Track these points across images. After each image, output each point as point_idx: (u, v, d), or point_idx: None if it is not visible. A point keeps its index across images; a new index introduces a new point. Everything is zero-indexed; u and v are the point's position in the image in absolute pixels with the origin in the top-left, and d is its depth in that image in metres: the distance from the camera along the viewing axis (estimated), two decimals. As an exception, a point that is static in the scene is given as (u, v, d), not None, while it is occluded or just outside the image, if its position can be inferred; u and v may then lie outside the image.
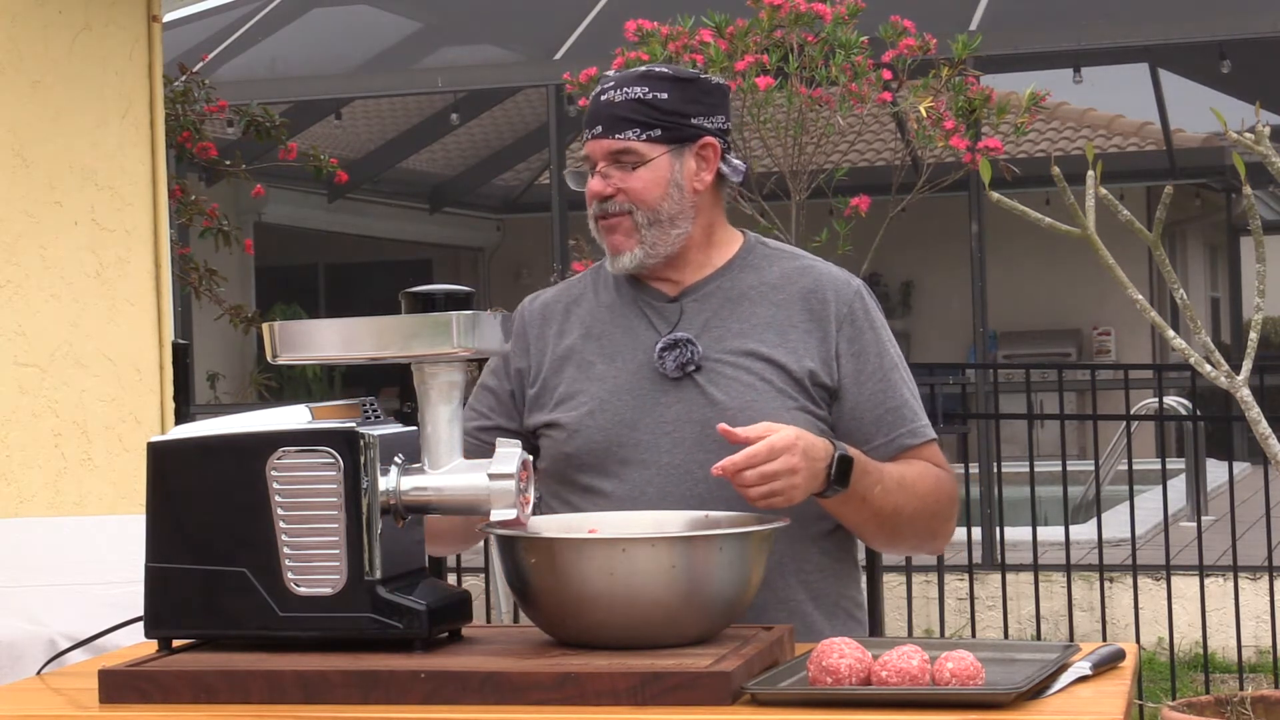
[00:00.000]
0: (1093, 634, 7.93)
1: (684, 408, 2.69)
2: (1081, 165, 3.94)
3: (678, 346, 2.71)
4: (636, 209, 2.71)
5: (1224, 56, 12.10)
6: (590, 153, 2.74)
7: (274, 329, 2.29)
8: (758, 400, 2.66)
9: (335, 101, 14.19)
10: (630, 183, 2.70)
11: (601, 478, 2.72)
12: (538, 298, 2.88)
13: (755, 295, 2.74)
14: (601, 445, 2.71)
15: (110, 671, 2.13)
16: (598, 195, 2.72)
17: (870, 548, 2.79)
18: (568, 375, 2.76)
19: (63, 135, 5.00)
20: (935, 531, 2.76)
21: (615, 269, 2.76)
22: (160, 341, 5.27)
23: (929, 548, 2.82)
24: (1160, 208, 3.99)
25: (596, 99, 2.74)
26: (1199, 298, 19.98)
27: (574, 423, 2.73)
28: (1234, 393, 4.17)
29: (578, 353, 2.77)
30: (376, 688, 2.07)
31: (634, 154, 2.70)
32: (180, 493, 2.26)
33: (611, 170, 2.71)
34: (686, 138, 2.72)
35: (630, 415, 2.71)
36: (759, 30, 7.14)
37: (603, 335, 2.77)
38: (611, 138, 2.70)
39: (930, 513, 2.72)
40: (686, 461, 2.67)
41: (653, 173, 2.70)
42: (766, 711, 2.00)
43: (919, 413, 2.75)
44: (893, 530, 2.70)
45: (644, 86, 2.71)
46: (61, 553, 3.62)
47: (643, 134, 2.70)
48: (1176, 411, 10.65)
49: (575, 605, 2.18)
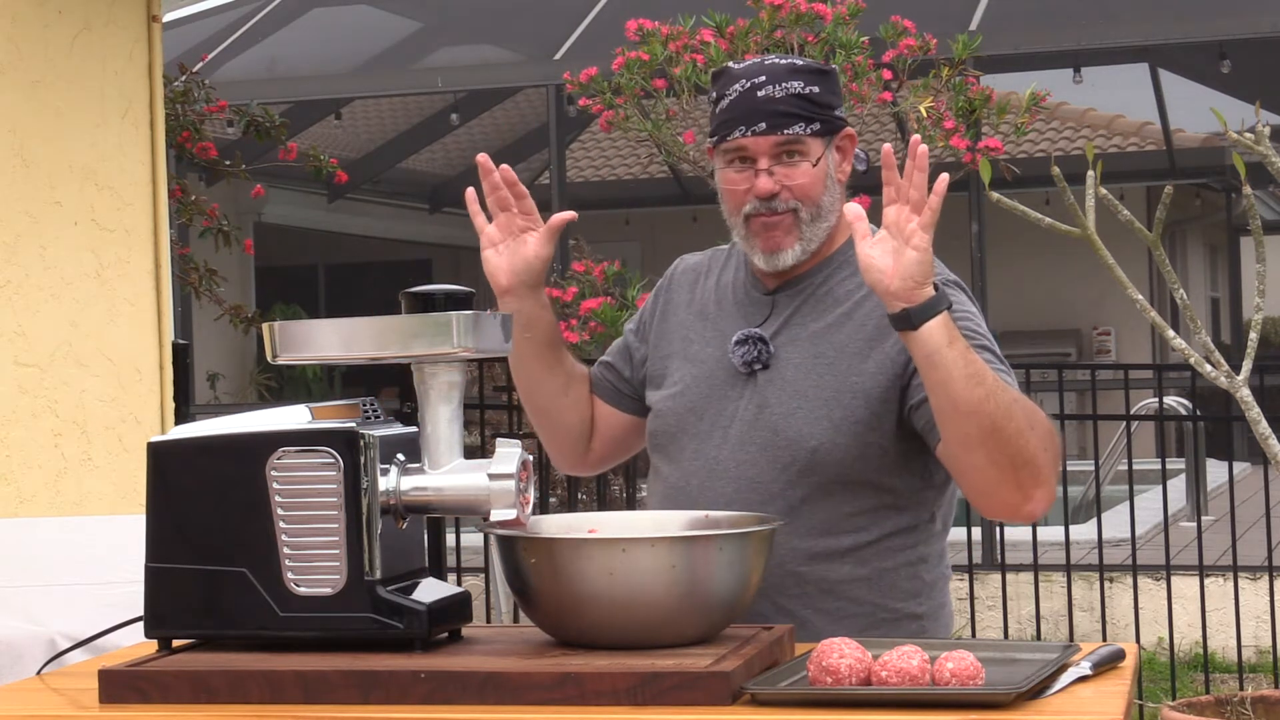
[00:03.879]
0: (1093, 634, 7.93)
1: (741, 405, 2.68)
2: (1081, 165, 3.94)
3: (749, 342, 2.70)
4: (802, 206, 2.68)
5: (1224, 56, 12.11)
6: (751, 149, 2.67)
7: (274, 329, 2.29)
8: (800, 409, 2.64)
9: (335, 101, 14.19)
10: (796, 179, 2.67)
11: (665, 461, 2.75)
12: (684, 260, 2.90)
13: (842, 294, 2.70)
14: (673, 429, 2.73)
15: (110, 671, 2.13)
16: (768, 194, 2.67)
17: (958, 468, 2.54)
18: (672, 350, 2.79)
19: (63, 135, 5.00)
20: (1036, 455, 2.48)
21: (769, 267, 2.71)
22: (160, 341, 5.27)
23: (1029, 479, 2.50)
24: (1160, 208, 3.99)
25: (749, 94, 2.67)
26: (1199, 298, 19.98)
27: (658, 403, 2.78)
28: (1234, 393, 4.17)
29: (686, 329, 2.79)
30: (376, 688, 2.07)
31: (801, 148, 2.67)
32: (180, 493, 2.26)
33: (775, 167, 2.67)
34: (835, 129, 2.71)
35: (700, 404, 2.72)
36: (759, 30, 7.14)
37: (710, 317, 2.78)
38: (779, 133, 2.66)
39: (1029, 422, 2.48)
40: (726, 459, 2.67)
41: (819, 168, 2.68)
42: (766, 711, 2.00)
43: (1014, 386, 2.56)
44: (990, 415, 2.44)
45: (799, 80, 2.67)
46: (61, 553, 3.62)
47: (806, 128, 2.67)
48: (1176, 411, 10.65)
49: (575, 605, 2.18)
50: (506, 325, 2.34)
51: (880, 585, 2.67)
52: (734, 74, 2.71)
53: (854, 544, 2.65)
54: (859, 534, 2.65)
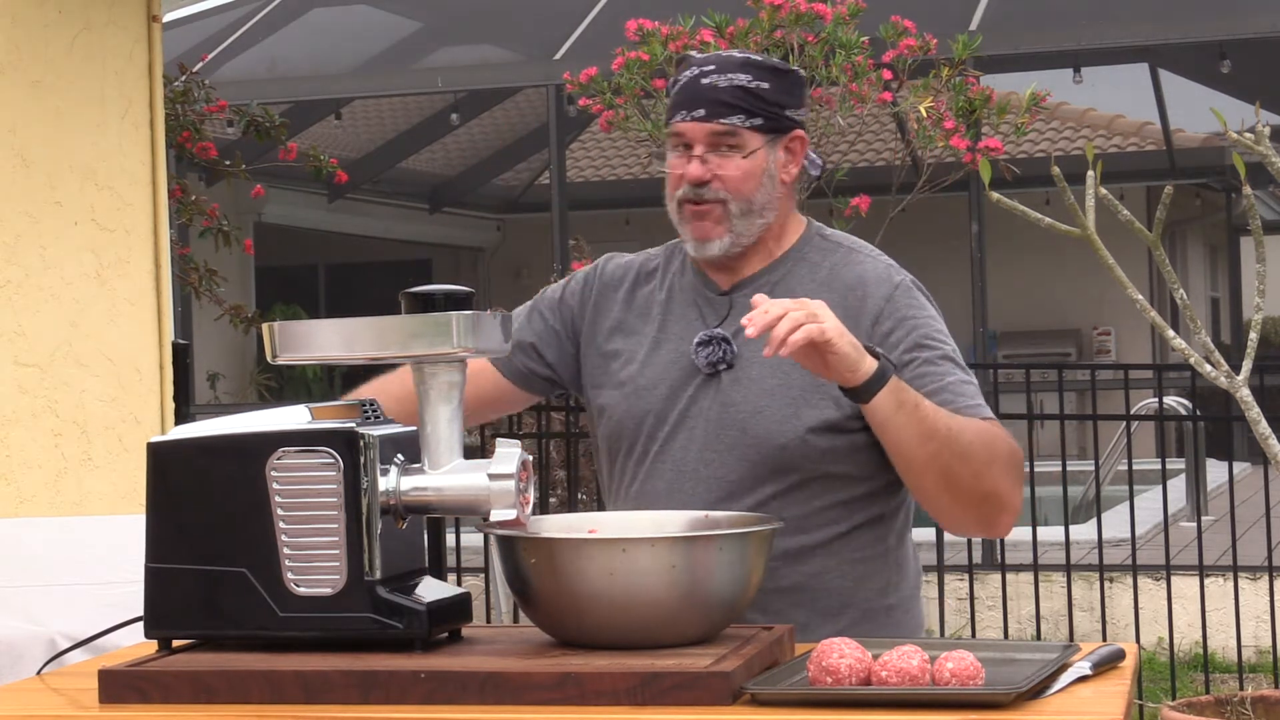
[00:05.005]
0: (1093, 634, 7.93)
1: (705, 405, 2.68)
2: (1081, 165, 3.94)
3: (713, 343, 2.69)
4: (732, 198, 2.68)
5: (1224, 56, 12.11)
6: (687, 134, 2.68)
7: (274, 329, 2.29)
8: (767, 407, 2.64)
9: (335, 101, 14.19)
10: (728, 170, 2.67)
11: (629, 462, 2.73)
12: (614, 259, 2.88)
13: (802, 293, 2.68)
14: (631, 432, 2.72)
15: (110, 671, 2.13)
16: (696, 179, 2.67)
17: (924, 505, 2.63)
18: (616, 352, 2.77)
19: (63, 135, 5.00)
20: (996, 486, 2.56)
21: (698, 255, 2.72)
22: (160, 341, 5.27)
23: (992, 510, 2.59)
24: (1160, 208, 3.99)
25: (694, 81, 2.68)
26: (1199, 298, 19.99)
27: (609, 406, 2.75)
28: (1234, 393, 4.17)
29: (630, 330, 2.77)
30: (376, 688, 2.07)
31: (736, 140, 2.67)
32: (180, 493, 2.26)
33: (710, 155, 2.67)
34: (782, 129, 2.71)
35: (660, 406, 2.70)
36: (759, 30, 7.14)
37: (656, 318, 2.77)
38: (716, 121, 2.66)
39: (988, 456, 2.55)
40: (693, 460, 2.67)
41: (752, 162, 2.68)
42: (766, 711, 2.00)
43: (972, 394, 2.62)
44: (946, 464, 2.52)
45: (747, 74, 2.67)
46: (61, 553, 3.61)
47: (746, 121, 2.67)
48: (1176, 411, 10.65)
49: (575, 605, 2.18)
50: (506, 325, 2.34)
51: (852, 575, 2.67)
52: (690, 61, 2.73)
53: (826, 537, 2.66)
54: (830, 527, 2.66)
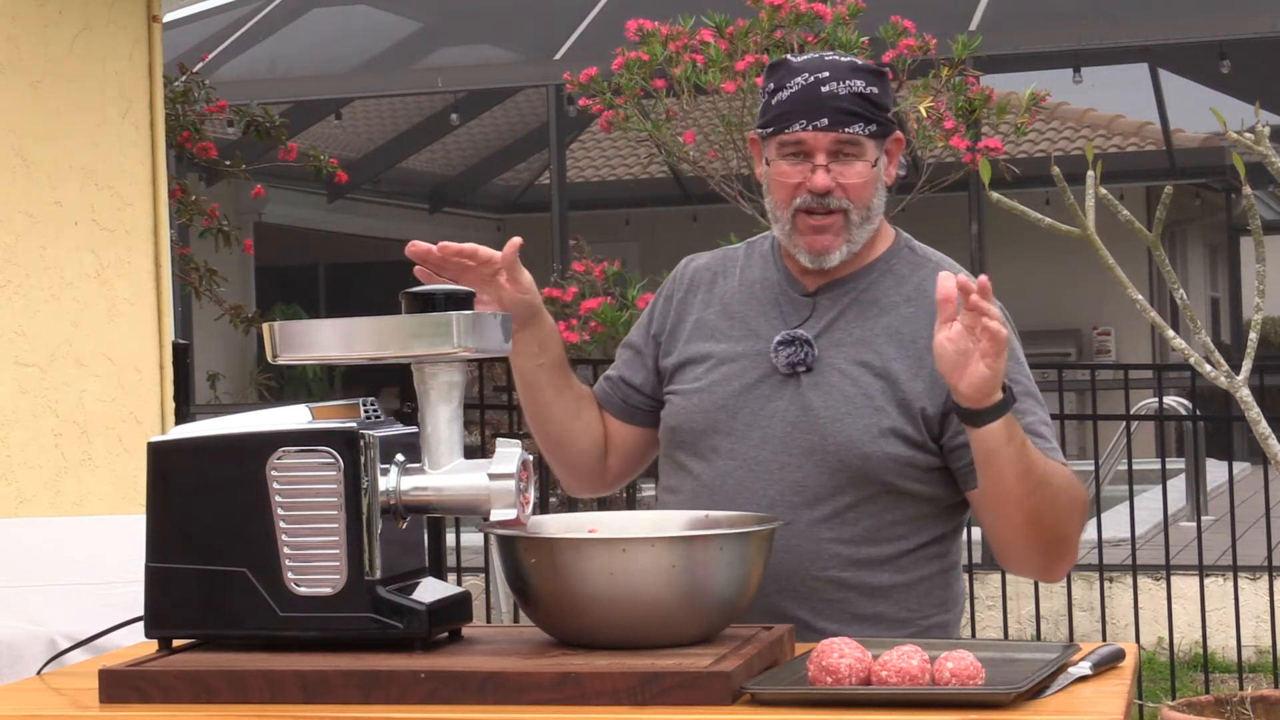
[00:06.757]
0: (1093, 634, 7.93)
1: (782, 405, 2.66)
2: (1081, 165, 3.93)
3: (794, 344, 2.67)
4: (853, 207, 2.66)
5: (1224, 56, 12.11)
6: (809, 144, 2.65)
7: (274, 329, 2.29)
8: (849, 415, 2.62)
9: (335, 101, 14.20)
10: (850, 179, 2.65)
11: (694, 458, 2.71)
12: (693, 261, 2.85)
13: (887, 304, 2.68)
14: (700, 426, 2.70)
15: (110, 671, 2.13)
16: (823, 189, 2.64)
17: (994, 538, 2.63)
18: (695, 349, 2.75)
19: (63, 135, 5.00)
20: (1068, 534, 2.60)
21: (816, 266, 2.68)
22: (160, 341, 5.27)
23: (1057, 556, 2.62)
24: (1160, 208, 3.99)
25: (812, 89, 2.65)
26: (1199, 298, 19.99)
27: (683, 399, 2.73)
28: (1234, 393, 4.16)
29: (710, 328, 2.75)
30: (376, 688, 2.07)
31: (857, 149, 2.65)
32: (180, 493, 2.26)
33: (831, 164, 2.65)
34: (888, 132, 2.69)
35: (733, 402, 2.69)
36: (759, 30, 7.14)
37: (737, 315, 2.74)
38: (841, 130, 2.64)
39: (1069, 503, 2.58)
40: (768, 460, 2.65)
41: (870, 169, 2.66)
42: (766, 711, 2.00)
43: (1050, 435, 2.63)
44: (1035, 506, 2.53)
45: (861, 80, 2.65)
46: (61, 553, 3.61)
47: (865, 128, 2.65)
48: (1176, 411, 10.64)
49: (575, 605, 2.17)
50: (506, 325, 2.34)
51: (917, 591, 2.67)
52: (795, 67, 2.68)
53: (895, 551, 2.65)
54: (900, 542, 2.65)
